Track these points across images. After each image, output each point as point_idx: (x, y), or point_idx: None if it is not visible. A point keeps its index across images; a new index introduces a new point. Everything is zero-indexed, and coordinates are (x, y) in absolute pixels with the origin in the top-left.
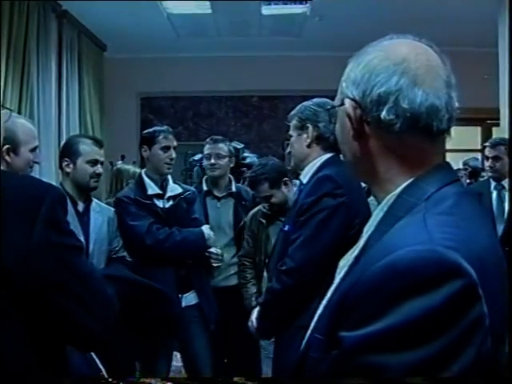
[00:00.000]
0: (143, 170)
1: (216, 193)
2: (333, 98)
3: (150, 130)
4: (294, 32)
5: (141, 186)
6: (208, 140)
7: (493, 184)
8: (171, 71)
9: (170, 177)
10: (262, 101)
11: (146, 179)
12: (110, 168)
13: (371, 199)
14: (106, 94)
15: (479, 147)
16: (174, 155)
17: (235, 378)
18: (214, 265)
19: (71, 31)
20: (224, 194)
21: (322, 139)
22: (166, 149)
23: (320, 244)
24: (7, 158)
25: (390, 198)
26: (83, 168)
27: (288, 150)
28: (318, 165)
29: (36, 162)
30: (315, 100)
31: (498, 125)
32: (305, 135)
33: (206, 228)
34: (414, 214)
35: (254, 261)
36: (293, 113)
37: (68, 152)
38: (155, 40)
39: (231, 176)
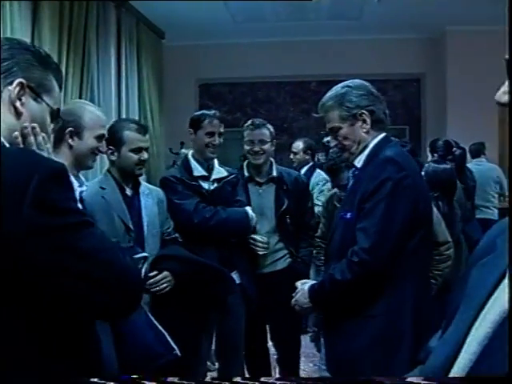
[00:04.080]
0: (190, 152)
1: (257, 178)
2: (392, 82)
3: (198, 113)
4: (352, 15)
5: (187, 167)
6: (248, 125)
7: None
8: (229, 57)
9: (216, 160)
10: (321, 86)
11: (192, 161)
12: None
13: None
14: (164, 82)
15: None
16: (217, 141)
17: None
18: (260, 253)
19: (130, 20)
20: (265, 179)
21: (378, 122)
22: (210, 134)
23: (391, 233)
24: (70, 141)
25: None
26: (127, 156)
27: (334, 142)
28: (371, 146)
29: (101, 151)
30: (352, 83)
31: None
32: (359, 123)
33: (249, 209)
34: None
35: None
36: (329, 103)
37: (112, 140)
38: (213, 26)
39: (272, 160)
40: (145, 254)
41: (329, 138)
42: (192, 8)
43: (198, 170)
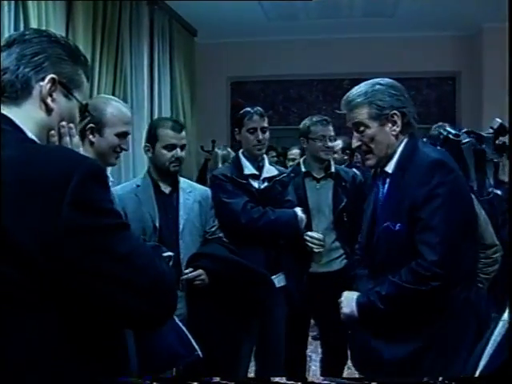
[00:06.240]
0: (240, 150)
1: (315, 174)
2: (427, 80)
3: (241, 111)
4: (386, 12)
5: (237, 165)
6: (320, 120)
7: None
8: (261, 55)
9: (266, 158)
10: (354, 84)
11: (242, 159)
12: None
13: None
14: (196, 79)
15: None
16: (261, 136)
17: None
18: (316, 250)
19: (162, 17)
20: (323, 174)
21: (408, 126)
22: (253, 130)
23: (456, 240)
24: (91, 137)
25: None
26: (161, 153)
27: (357, 143)
28: (400, 149)
29: (123, 149)
30: (384, 82)
31: None
32: (389, 125)
33: (298, 210)
34: None
35: None
36: (357, 100)
37: (148, 137)
38: (245, 24)
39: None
40: (170, 253)
41: None
42: (224, 5)
43: (249, 169)
